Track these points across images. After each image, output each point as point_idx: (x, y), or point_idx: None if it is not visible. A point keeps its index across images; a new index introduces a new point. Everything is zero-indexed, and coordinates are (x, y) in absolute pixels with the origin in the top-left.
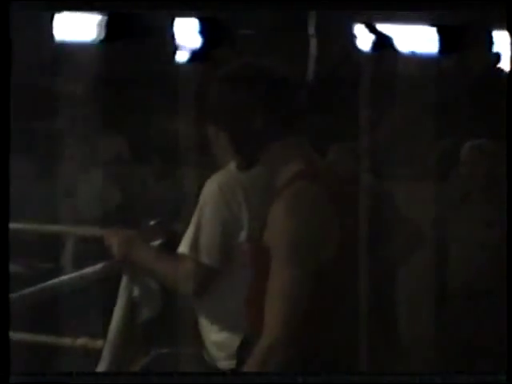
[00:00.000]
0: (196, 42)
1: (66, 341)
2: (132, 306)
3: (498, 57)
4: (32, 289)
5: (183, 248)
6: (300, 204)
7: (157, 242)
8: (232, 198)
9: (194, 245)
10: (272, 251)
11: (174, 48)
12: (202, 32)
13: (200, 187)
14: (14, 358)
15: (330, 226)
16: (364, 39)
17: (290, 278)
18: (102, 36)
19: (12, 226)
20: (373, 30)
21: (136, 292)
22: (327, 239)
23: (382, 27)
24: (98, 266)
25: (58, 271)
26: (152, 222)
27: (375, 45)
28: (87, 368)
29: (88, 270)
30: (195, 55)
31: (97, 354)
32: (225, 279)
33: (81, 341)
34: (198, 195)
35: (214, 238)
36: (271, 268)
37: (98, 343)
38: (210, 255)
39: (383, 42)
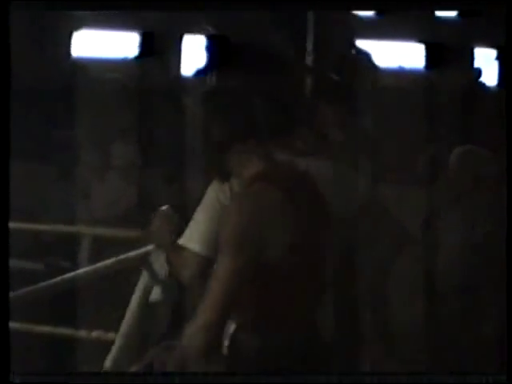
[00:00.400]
0: (203, 57)
1: (82, 333)
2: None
3: (479, 72)
4: (45, 283)
5: (181, 240)
6: (253, 204)
7: None
8: (223, 199)
9: (189, 237)
10: (220, 245)
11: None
12: (209, 48)
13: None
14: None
15: (282, 225)
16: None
17: (226, 272)
18: (119, 53)
19: (33, 226)
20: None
21: (153, 281)
22: (277, 238)
23: (377, 44)
24: (111, 261)
25: (75, 269)
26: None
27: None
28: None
29: (101, 264)
30: (202, 70)
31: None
32: None
33: (95, 333)
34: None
35: (205, 231)
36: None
37: (111, 336)
38: (200, 245)
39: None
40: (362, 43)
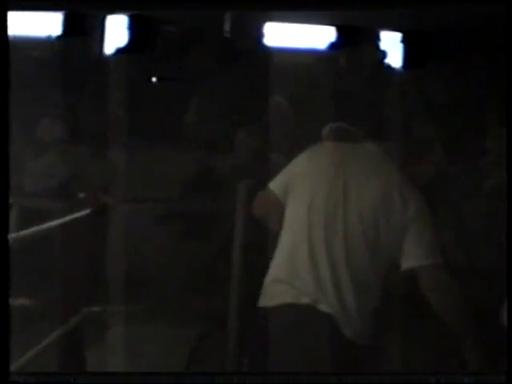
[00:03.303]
0: (124, 37)
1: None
2: None
3: (384, 54)
4: None
5: None
6: None
7: (88, 211)
8: None
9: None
10: None
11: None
12: (130, 28)
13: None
14: None
15: None
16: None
17: None
18: (46, 32)
19: None
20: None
21: None
22: None
23: (283, 26)
24: (33, 229)
25: None
26: (83, 194)
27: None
28: None
29: (25, 231)
30: (123, 50)
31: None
32: None
33: (19, 301)
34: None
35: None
36: None
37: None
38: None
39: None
40: (273, 26)
